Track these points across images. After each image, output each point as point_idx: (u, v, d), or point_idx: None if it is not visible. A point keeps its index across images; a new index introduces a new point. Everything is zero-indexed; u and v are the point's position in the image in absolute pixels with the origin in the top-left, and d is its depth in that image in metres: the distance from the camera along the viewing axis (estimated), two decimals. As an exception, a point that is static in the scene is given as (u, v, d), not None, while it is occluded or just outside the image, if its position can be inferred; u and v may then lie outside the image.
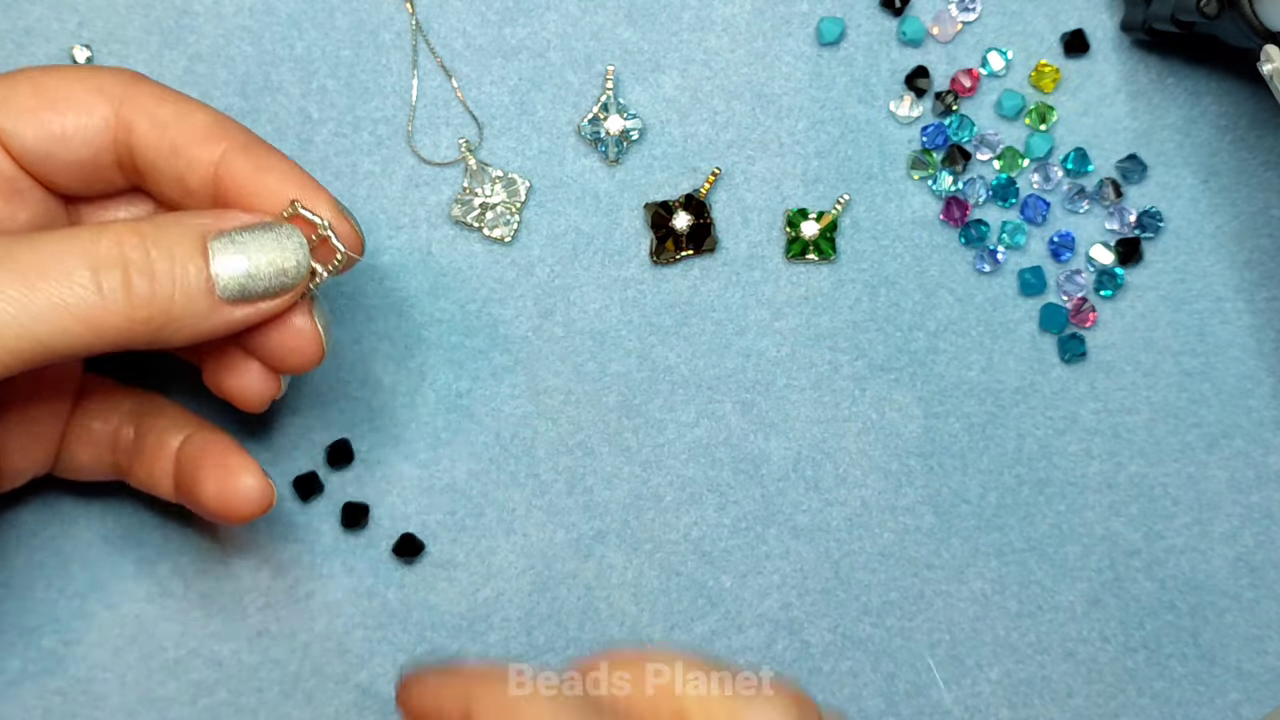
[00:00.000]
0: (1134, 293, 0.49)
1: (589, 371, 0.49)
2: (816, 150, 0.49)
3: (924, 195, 0.49)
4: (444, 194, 0.48)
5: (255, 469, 0.43)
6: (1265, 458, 0.49)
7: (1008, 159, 0.49)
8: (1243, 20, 0.43)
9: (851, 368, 0.49)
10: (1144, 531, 0.49)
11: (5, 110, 0.41)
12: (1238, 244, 0.49)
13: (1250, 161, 0.49)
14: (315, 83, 0.48)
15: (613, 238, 0.49)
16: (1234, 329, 0.49)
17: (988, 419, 0.49)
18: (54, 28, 0.48)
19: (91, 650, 0.47)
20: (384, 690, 0.48)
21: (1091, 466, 0.49)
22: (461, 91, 0.49)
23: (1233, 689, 0.48)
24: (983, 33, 0.49)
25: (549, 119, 0.49)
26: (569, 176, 0.49)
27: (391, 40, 0.48)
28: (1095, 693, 0.48)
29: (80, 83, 0.41)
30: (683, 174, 0.49)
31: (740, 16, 0.49)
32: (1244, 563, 0.49)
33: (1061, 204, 0.49)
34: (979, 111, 0.49)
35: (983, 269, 0.49)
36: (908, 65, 0.49)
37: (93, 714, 0.47)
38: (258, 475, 0.43)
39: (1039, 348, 0.49)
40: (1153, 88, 0.49)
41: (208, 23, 0.48)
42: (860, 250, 0.49)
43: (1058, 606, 0.49)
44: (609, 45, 0.49)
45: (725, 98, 0.49)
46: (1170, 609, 0.49)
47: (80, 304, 0.37)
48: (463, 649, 0.48)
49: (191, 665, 0.48)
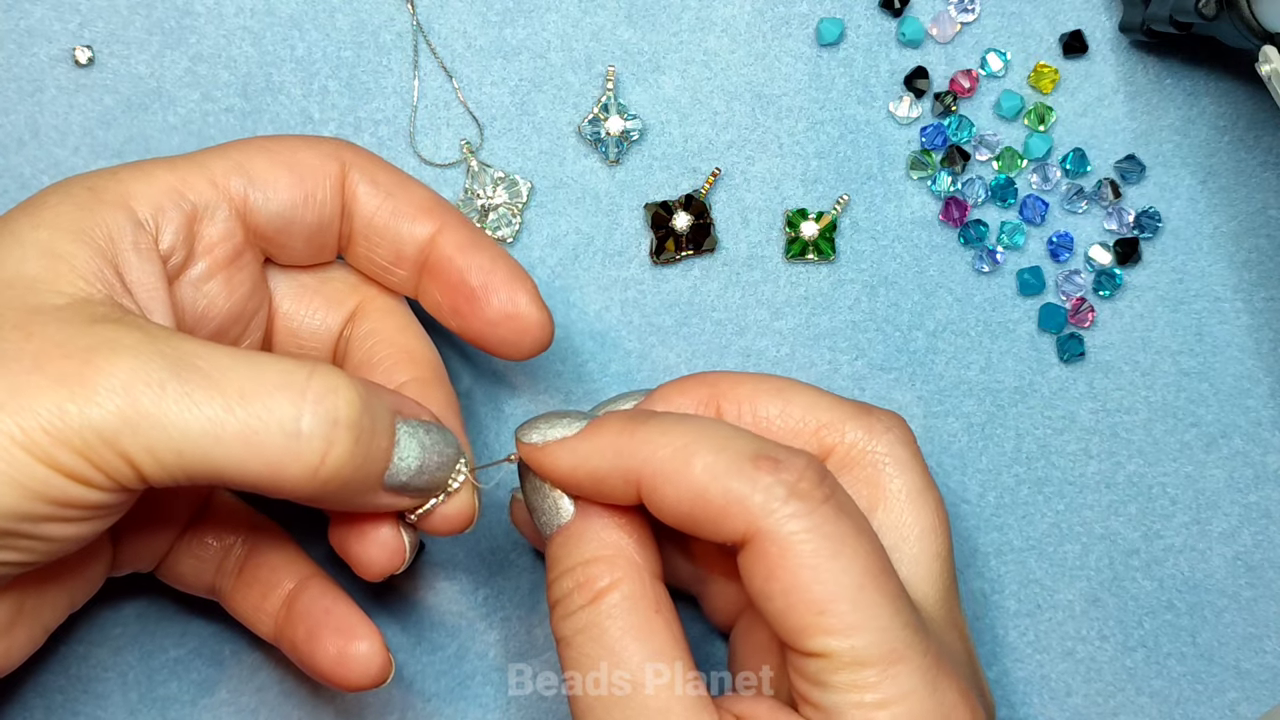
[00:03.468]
0: (1132, 293, 0.49)
1: (589, 372, 0.49)
2: (816, 151, 0.49)
3: (923, 195, 0.49)
4: (446, 195, 0.48)
5: (378, 639, 0.42)
6: (1263, 457, 0.49)
7: (1006, 159, 0.49)
8: (1241, 21, 0.43)
9: (851, 367, 0.49)
10: (1142, 531, 0.49)
11: (252, 181, 0.40)
12: (1236, 244, 0.49)
13: (1248, 162, 0.49)
14: (316, 84, 0.48)
15: (613, 238, 0.49)
16: (1232, 329, 0.49)
17: (987, 418, 0.49)
18: (55, 28, 0.48)
19: (92, 650, 0.47)
20: (383, 690, 0.48)
21: (1090, 466, 0.49)
22: (462, 92, 0.49)
23: (1231, 688, 0.49)
24: (981, 34, 0.49)
25: (549, 120, 0.49)
26: (569, 177, 0.49)
27: (392, 41, 0.48)
28: (1094, 691, 0.48)
29: (309, 149, 0.41)
30: (683, 174, 0.49)
31: (740, 17, 0.49)
32: (1242, 562, 0.49)
33: (1060, 204, 0.49)
34: (978, 112, 0.49)
35: (981, 269, 0.49)
36: (907, 66, 0.49)
37: (94, 713, 0.47)
38: (379, 646, 0.41)
39: (1038, 347, 0.49)
40: (1151, 88, 0.49)
41: (209, 23, 0.48)
42: (859, 250, 0.49)
43: (1056, 605, 0.49)
44: (609, 46, 0.49)
45: (725, 98, 0.49)
46: (1169, 608, 0.49)
47: (273, 449, 0.35)
48: (462, 649, 0.48)
49: (192, 665, 0.48)
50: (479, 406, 0.48)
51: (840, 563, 0.36)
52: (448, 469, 0.39)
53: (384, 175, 0.42)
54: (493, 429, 0.49)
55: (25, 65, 0.48)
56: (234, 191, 0.40)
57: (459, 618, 0.48)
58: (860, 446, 0.40)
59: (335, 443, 0.35)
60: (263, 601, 0.43)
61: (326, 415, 0.35)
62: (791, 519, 0.36)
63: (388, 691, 0.48)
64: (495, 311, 0.42)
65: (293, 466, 0.35)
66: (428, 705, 0.48)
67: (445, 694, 0.48)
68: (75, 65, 0.48)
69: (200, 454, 0.34)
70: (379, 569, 0.40)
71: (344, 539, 0.41)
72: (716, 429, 0.37)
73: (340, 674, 0.41)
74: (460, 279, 0.42)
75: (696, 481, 0.36)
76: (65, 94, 0.48)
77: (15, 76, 0.48)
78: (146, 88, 0.48)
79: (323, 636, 0.42)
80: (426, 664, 0.48)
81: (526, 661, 0.48)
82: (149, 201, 0.39)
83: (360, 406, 0.36)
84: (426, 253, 0.42)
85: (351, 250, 0.43)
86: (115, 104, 0.48)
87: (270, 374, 0.35)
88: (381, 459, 0.37)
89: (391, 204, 0.42)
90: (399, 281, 0.43)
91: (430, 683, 0.48)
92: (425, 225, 0.42)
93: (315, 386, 0.35)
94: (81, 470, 0.34)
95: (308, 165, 0.41)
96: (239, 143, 0.41)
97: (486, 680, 0.48)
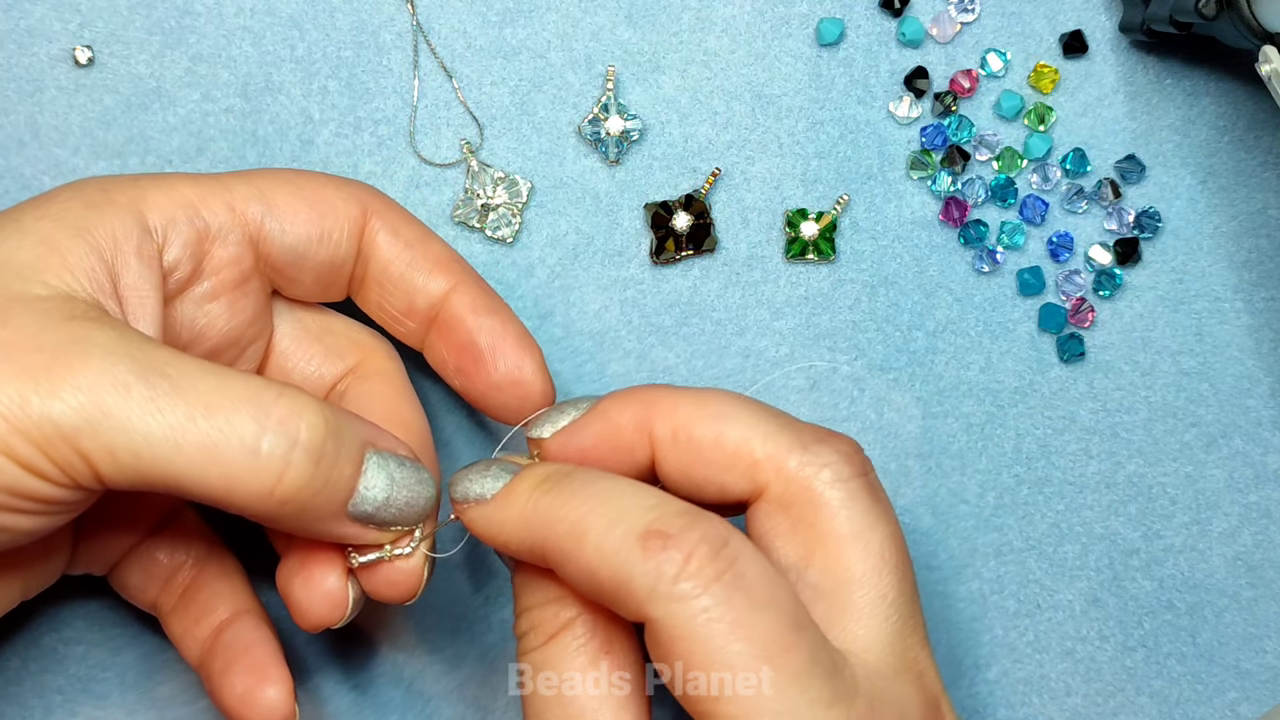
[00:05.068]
0: (1132, 293, 0.49)
1: (589, 372, 0.49)
2: (816, 151, 0.49)
3: (923, 195, 0.49)
4: (445, 195, 0.48)
5: (287, 686, 0.41)
6: (1263, 457, 0.49)
7: (1006, 159, 0.49)
8: (1241, 21, 0.43)
9: (850, 367, 0.49)
10: (1142, 531, 0.49)
11: (270, 210, 0.40)
12: (1236, 244, 0.49)
13: (1248, 162, 0.49)
14: (316, 84, 0.48)
15: (613, 238, 0.49)
16: (1232, 329, 0.49)
17: (986, 419, 0.49)
18: (55, 28, 0.48)
19: (92, 650, 0.47)
20: (383, 690, 0.48)
21: (1090, 466, 0.49)
22: (462, 92, 0.49)
23: (1231, 688, 0.49)
24: (981, 34, 0.49)
25: (549, 119, 0.49)
26: (569, 177, 0.49)
27: (392, 41, 0.48)
28: (1094, 691, 0.48)
29: (334, 187, 0.41)
30: (683, 174, 0.49)
31: (740, 17, 0.49)
32: (1242, 562, 0.49)
33: (1060, 204, 0.49)
34: (978, 112, 0.49)
35: (981, 269, 0.49)
36: (907, 66, 0.49)
37: (93, 713, 0.47)
38: (286, 694, 0.41)
39: (1038, 348, 0.49)
40: (1151, 88, 0.49)
41: (209, 23, 0.48)
42: (859, 250, 0.49)
43: (1056, 606, 0.49)
44: (609, 46, 0.49)
45: (725, 98, 0.49)
46: (1169, 608, 0.49)
47: (231, 462, 0.34)
48: (462, 649, 0.48)
49: (191, 666, 0.48)
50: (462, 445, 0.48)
51: (735, 645, 0.34)
52: (419, 506, 0.39)
53: (406, 227, 0.42)
54: (493, 428, 0.48)
55: (25, 65, 0.48)
56: (250, 217, 0.40)
57: (459, 618, 0.48)
58: (800, 482, 0.38)
59: (293, 465, 0.35)
60: (194, 626, 0.43)
61: (287, 436, 0.35)
62: (679, 602, 0.34)
63: (388, 692, 0.48)
64: (501, 376, 0.42)
65: (250, 483, 0.35)
66: (428, 705, 0.48)
67: (445, 694, 0.48)
68: (75, 65, 0.48)
69: (159, 460, 0.34)
70: (315, 618, 0.40)
71: (288, 582, 0.40)
72: (614, 498, 0.36)
73: (242, 713, 0.41)
74: (470, 339, 0.42)
75: (589, 563, 0.35)
76: (65, 94, 0.48)
77: (15, 76, 0.48)
78: (146, 88, 0.48)
79: (235, 673, 0.41)
80: (426, 664, 0.48)
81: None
82: (162, 212, 0.39)
83: (324, 431, 0.36)
84: (439, 308, 0.43)
85: (363, 295, 0.43)
86: (115, 104, 0.48)
87: (238, 389, 0.35)
88: (345, 487, 0.37)
89: (410, 255, 0.42)
90: (407, 332, 0.43)
91: (430, 683, 0.48)
92: (441, 281, 0.42)
93: (281, 407, 0.35)
94: (37, 463, 0.34)
95: (329, 204, 0.41)
96: (266, 171, 0.41)
97: (486, 680, 0.48)
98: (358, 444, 0.37)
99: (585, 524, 0.36)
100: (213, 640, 0.42)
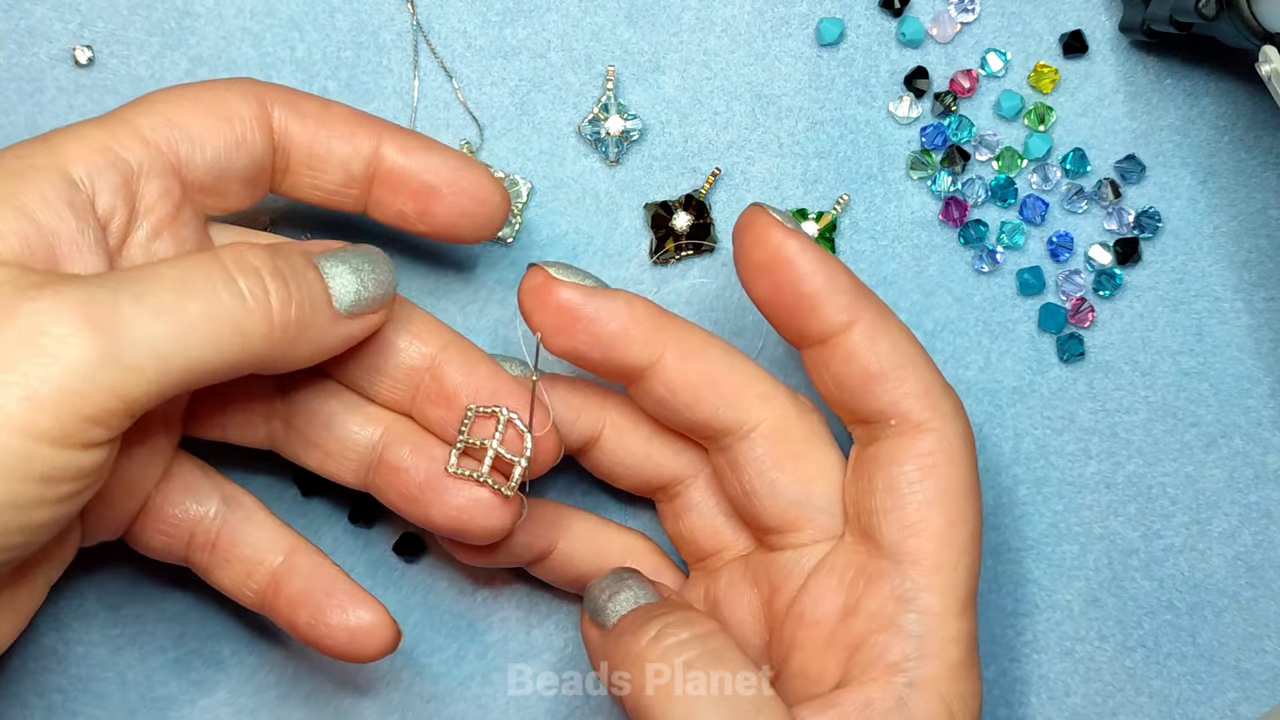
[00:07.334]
0: (1132, 293, 0.49)
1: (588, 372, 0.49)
2: (816, 151, 0.49)
3: (923, 195, 0.49)
4: (445, 194, 0.48)
5: (381, 610, 0.43)
6: (1263, 457, 0.49)
7: (1006, 159, 0.49)
8: (1241, 21, 0.43)
9: (851, 368, 0.49)
10: (1142, 531, 0.49)
11: (182, 133, 0.40)
12: (1236, 244, 0.49)
13: (1248, 162, 0.49)
14: (317, 84, 0.48)
15: (613, 238, 0.49)
16: (1232, 329, 0.49)
17: (985, 418, 0.49)
18: (56, 28, 0.48)
19: (92, 650, 0.47)
20: (383, 690, 0.48)
21: (1089, 466, 0.49)
22: (462, 92, 0.49)
23: (1231, 688, 0.49)
24: (981, 34, 0.49)
25: (549, 120, 0.49)
26: (569, 177, 0.49)
27: (392, 41, 0.48)
28: (1093, 691, 0.49)
29: (228, 90, 0.41)
30: (683, 174, 0.49)
31: (740, 17, 0.49)
32: (1242, 562, 0.49)
33: (1060, 204, 0.49)
34: (978, 112, 0.49)
35: (981, 269, 0.49)
36: (907, 66, 0.49)
37: (93, 713, 0.47)
38: (385, 618, 0.43)
39: (1037, 347, 0.49)
40: (1151, 88, 0.49)
41: (209, 24, 0.48)
42: (859, 250, 0.49)
43: (1055, 605, 0.49)
44: (609, 46, 0.49)
45: (725, 98, 0.49)
46: (1168, 608, 0.49)
47: (229, 313, 0.36)
48: (462, 649, 0.48)
49: (191, 665, 0.48)
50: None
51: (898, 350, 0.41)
52: (386, 271, 0.40)
53: (304, 102, 0.42)
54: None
55: (25, 65, 0.48)
56: (166, 145, 0.40)
57: (459, 618, 0.48)
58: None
59: (272, 292, 0.37)
60: (247, 580, 0.44)
61: (250, 272, 0.37)
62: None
63: (388, 692, 0.48)
64: (469, 199, 0.43)
65: (256, 326, 0.37)
66: (428, 706, 0.48)
67: (445, 694, 0.48)
68: (75, 65, 0.48)
69: (178, 348, 0.35)
70: (484, 525, 0.42)
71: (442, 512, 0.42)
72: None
73: (354, 652, 0.43)
74: (421, 181, 0.43)
75: None
76: (65, 94, 0.48)
77: (15, 76, 0.48)
78: (146, 88, 0.48)
79: (329, 619, 0.43)
80: (426, 664, 0.48)
81: (526, 661, 0.48)
82: (83, 162, 0.38)
83: (267, 254, 0.38)
84: (374, 166, 0.43)
85: (291, 183, 0.43)
86: (115, 104, 0.47)
87: (189, 264, 0.37)
88: (319, 290, 0.39)
89: (325, 129, 0.42)
90: (350, 202, 0.44)
91: (430, 683, 0.48)
92: (365, 140, 0.43)
93: (226, 255, 0.37)
94: (67, 428, 0.34)
95: (232, 108, 0.41)
96: (157, 94, 0.41)
97: (486, 680, 0.48)
98: (299, 256, 0.39)
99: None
100: (276, 591, 0.43)
